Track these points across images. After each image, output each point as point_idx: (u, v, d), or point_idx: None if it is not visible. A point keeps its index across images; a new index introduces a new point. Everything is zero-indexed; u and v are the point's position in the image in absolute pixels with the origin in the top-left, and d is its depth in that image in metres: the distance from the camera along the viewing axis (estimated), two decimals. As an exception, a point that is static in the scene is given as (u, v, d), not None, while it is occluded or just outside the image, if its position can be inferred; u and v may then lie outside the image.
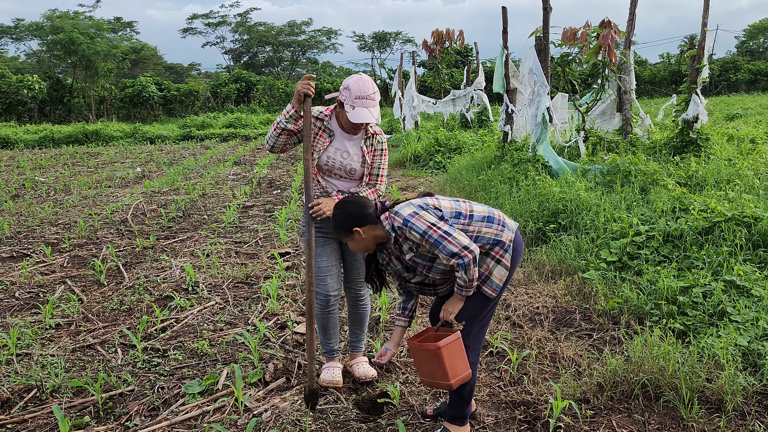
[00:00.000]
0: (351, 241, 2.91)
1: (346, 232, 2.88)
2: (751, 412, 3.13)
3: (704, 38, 8.74)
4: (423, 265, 2.82)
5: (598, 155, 8.99)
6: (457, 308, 2.83)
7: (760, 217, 5.11)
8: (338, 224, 2.93)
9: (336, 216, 2.94)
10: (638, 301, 4.37)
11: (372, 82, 3.23)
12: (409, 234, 2.72)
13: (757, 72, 42.73)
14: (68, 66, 37.30)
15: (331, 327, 3.64)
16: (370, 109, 3.19)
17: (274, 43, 57.89)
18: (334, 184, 3.41)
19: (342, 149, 3.35)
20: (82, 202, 10.26)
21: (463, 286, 2.74)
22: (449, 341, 2.69)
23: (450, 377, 2.69)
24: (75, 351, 4.24)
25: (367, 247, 2.92)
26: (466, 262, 2.64)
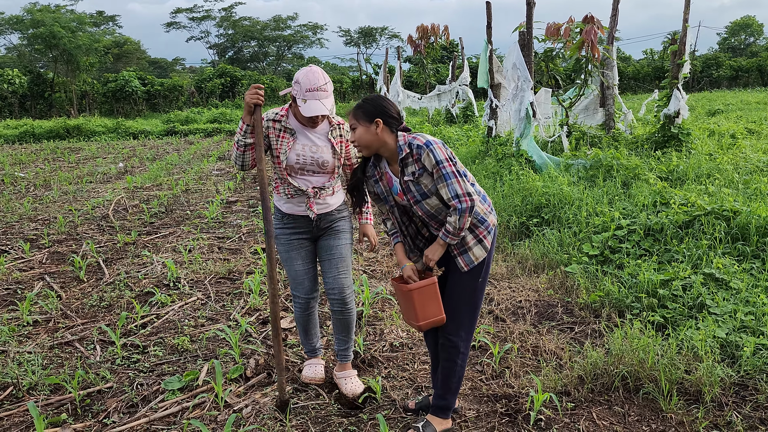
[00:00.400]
0: (362, 130, 2.76)
1: (365, 117, 2.74)
2: (728, 402, 3.16)
3: (685, 34, 8.81)
4: (414, 195, 2.74)
5: (581, 150, 9.04)
6: (437, 255, 2.80)
7: (739, 210, 5.16)
8: (363, 107, 2.77)
9: (366, 100, 2.80)
10: (619, 295, 4.40)
11: (323, 73, 3.11)
12: (426, 156, 2.65)
13: (738, 68, 43.22)
14: (49, 60, 36.82)
15: (311, 327, 3.57)
16: (323, 100, 3.08)
17: (259, 38, 57.57)
18: (308, 180, 3.27)
19: (309, 144, 3.23)
20: (62, 197, 10.13)
21: (450, 233, 2.69)
22: (422, 284, 2.75)
23: (420, 318, 2.77)
24: (53, 348, 4.18)
25: (369, 144, 2.78)
26: (463, 207, 2.63)
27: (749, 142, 10.30)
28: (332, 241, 3.36)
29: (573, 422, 3.08)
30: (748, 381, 3.33)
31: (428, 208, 2.76)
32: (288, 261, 3.37)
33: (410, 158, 2.71)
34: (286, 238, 3.34)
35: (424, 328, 2.81)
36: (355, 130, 2.78)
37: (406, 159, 2.73)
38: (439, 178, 2.66)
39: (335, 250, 3.35)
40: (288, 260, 3.37)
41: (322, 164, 3.23)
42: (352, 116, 2.79)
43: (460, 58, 19.43)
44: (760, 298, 3.94)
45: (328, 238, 3.37)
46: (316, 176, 3.27)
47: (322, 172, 3.26)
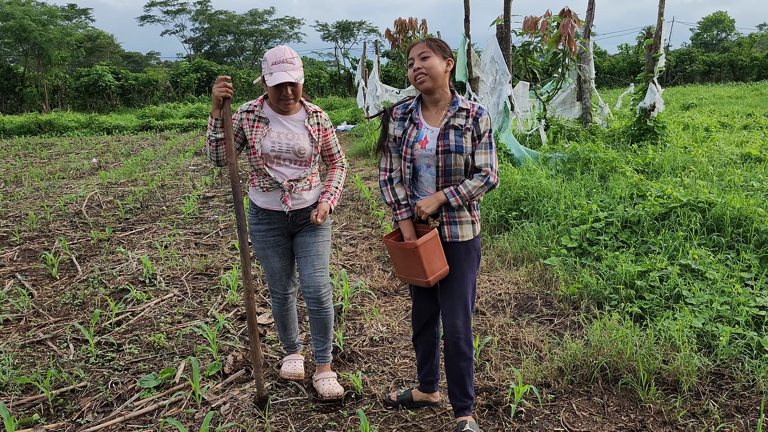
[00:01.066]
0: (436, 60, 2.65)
1: (440, 51, 2.67)
2: (705, 392, 3.19)
3: (661, 28, 8.89)
4: (449, 143, 2.67)
5: (558, 143, 9.09)
6: (431, 208, 2.71)
7: (713, 202, 5.22)
8: (439, 42, 2.69)
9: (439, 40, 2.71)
10: (597, 286, 4.42)
11: (291, 50, 3.04)
12: (485, 119, 2.69)
13: (711, 63, 43.94)
14: (20, 54, 36.04)
15: (290, 322, 3.52)
16: (289, 71, 2.97)
17: (235, 32, 57.04)
18: (283, 172, 3.14)
19: (284, 131, 3.13)
20: (33, 194, 9.92)
21: (460, 194, 2.68)
22: (426, 239, 2.65)
23: (428, 274, 2.68)
24: (24, 347, 4.08)
25: (436, 77, 2.66)
26: (491, 180, 2.68)
27: (722, 135, 10.47)
28: (308, 237, 3.26)
29: (553, 413, 3.09)
30: (724, 370, 3.36)
31: (451, 162, 2.69)
32: (264, 258, 3.30)
33: (465, 113, 2.70)
34: (262, 235, 3.25)
35: (432, 282, 2.72)
36: (428, 59, 2.65)
37: (460, 112, 2.71)
38: (485, 144, 2.69)
39: (311, 247, 3.25)
40: (264, 258, 3.30)
41: (298, 152, 3.13)
42: (425, 45, 2.67)
43: (437, 52, 19.41)
44: (735, 288, 3.99)
45: (305, 235, 3.27)
46: (293, 167, 3.16)
47: (298, 162, 3.15)
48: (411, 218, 2.84)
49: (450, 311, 2.80)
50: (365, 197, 8.44)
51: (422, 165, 2.77)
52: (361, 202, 8.45)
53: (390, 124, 2.86)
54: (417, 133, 2.76)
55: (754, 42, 49.44)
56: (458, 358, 2.82)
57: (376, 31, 60.61)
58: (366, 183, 9.65)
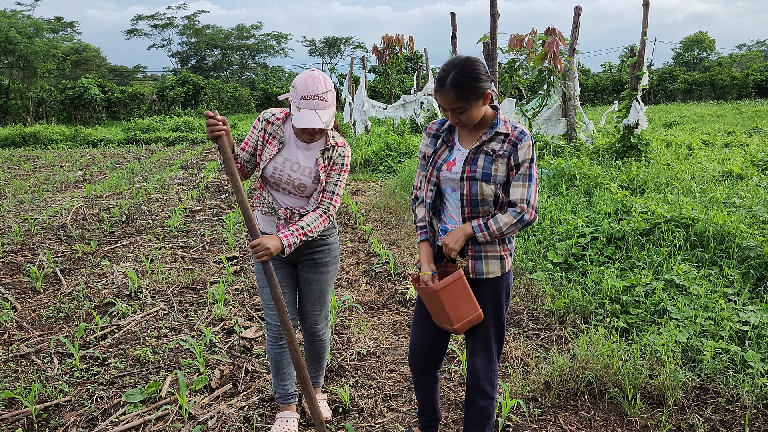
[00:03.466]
0: (473, 110, 2.36)
1: (478, 95, 2.32)
2: (690, 406, 3.22)
3: (644, 47, 9.05)
4: (476, 170, 2.40)
5: (544, 159, 9.18)
6: (458, 243, 2.44)
7: (696, 218, 5.30)
8: (474, 87, 2.30)
9: (467, 73, 2.30)
10: (583, 301, 4.46)
11: (325, 79, 2.69)
12: (526, 146, 2.37)
13: (692, 82, 44.70)
14: (4, 66, 35.74)
15: (284, 365, 3.11)
16: (319, 111, 2.64)
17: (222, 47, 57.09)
18: (282, 200, 2.88)
19: (292, 160, 2.82)
20: (17, 206, 9.81)
21: (488, 229, 2.40)
22: (447, 282, 2.40)
23: (453, 321, 2.44)
24: (7, 361, 4.02)
25: (477, 120, 2.40)
26: (527, 218, 2.39)
27: (704, 152, 10.64)
28: (313, 275, 3.01)
29: (540, 428, 3.10)
30: (708, 384, 3.40)
31: (477, 192, 2.42)
32: (262, 282, 3.00)
33: (503, 137, 2.41)
34: None
35: (460, 330, 2.48)
36: (465, 112, 2.36)
37: (497, 135, 2.42)
38: (523, 176, 2.38)
39: (314, 285, 3.03)
40: (262, 281, 3.00)
41: (297, 187, 2.84)
42: (461, 100, 2.32)
43: (424, 68, 19.59)
44: (718, 303, 4.04)
45: (309, 271, 3.01)
46: (292, 197, 2.89)
47: (299, 195, 2.88)
48: (428, 241, 2.61)
49: (471, 350, 2.61)
50: (352, 212, 8.46)
51: (447, 188, 2.53)
52: (348, 216, 8.46)
53: (422, 140, 2.65)
54: (448, 154, 2.52)
55: (734, 62, 50.43)
56: (477, 396, 2.61)
57: (363, 47, 61.06)
58: (353, 198, 9.67)
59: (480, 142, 2.43)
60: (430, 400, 2.84)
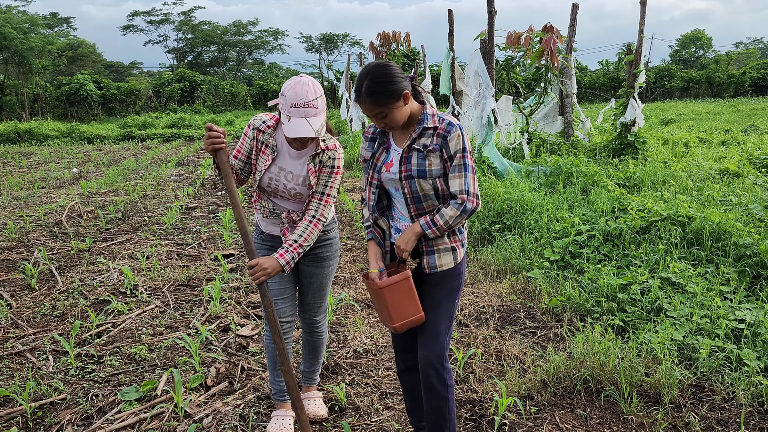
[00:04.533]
0: (395, 112, 2.38)
1: (394, 98, 2.34)
2: (686, 404, 3.23)
3: (641, 44, 9.05)
4: (410, 168, 2.44)
5: (541, 157, 9.18)
6: (410, 244, 2.47)
7: (693, 216, 5.30)
8: (387, 90, 2.33)
9: (379, 78, 2.33)
10: (580, 299, 4.46)
11: (314, 84, 2.65)
12: (455, 137, 2.38)
13: (689, 80, 44.73)
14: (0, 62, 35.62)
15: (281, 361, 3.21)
16: (309, 119, 2.60)
17: (219, 43, 56.97)
18: (282, 205, 2.91)
19: (287, 169, 2.82)
20: (12, 203, 9.78)
21: (436, 225, 2.42)
22: (393, 281, 2.44)
23: (394, 319, 2.47)
24: (2, 359, 4.01)
25: (402, 120, 2.42)
26: (469, 207, 2.41)
27: (701, 150, 10.65)
28: (314, 269, 3.04)
29: (537, 426, 3.10)
30: (704, 382, 3.41)
31: (417, 189, 2.46)
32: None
33: (432, 131, 2.43)
34: (263, 254, 3.00)
35: (400, 329, 2.50)
36: (387, 116, 2.39)
37: (426, 130, 2.45)
38: (458, 167, 2.40)
39: (315, 278, 3.06)
40: None
41: (294, 196, 2.87)
42: (378, 105, 2.36)
43: (421, 65, 19.56)
44: (714, 301, 4.05)
45: (311, 265, 3.03)
46: (291, 202, 2.91)
47: (296, 201, 2.90)
48: (375, 240, 2.64)
49: (421, 343, 2.55)
50: (348, 209, 8.44)
51: (391, 188, 2.58)
52: (345, 213, 8.45)
53: (361, 144, 2.68)
54: (385, 155, 2.57)
55: (731, 60, 50.51)
56: (429, 396, 2.57)
57: (360, 44, 60.98)
58: (350, 195, 9.65)
59: (411, 140, 2.47)
60: (416, 393, 2.80)
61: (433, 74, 18.61)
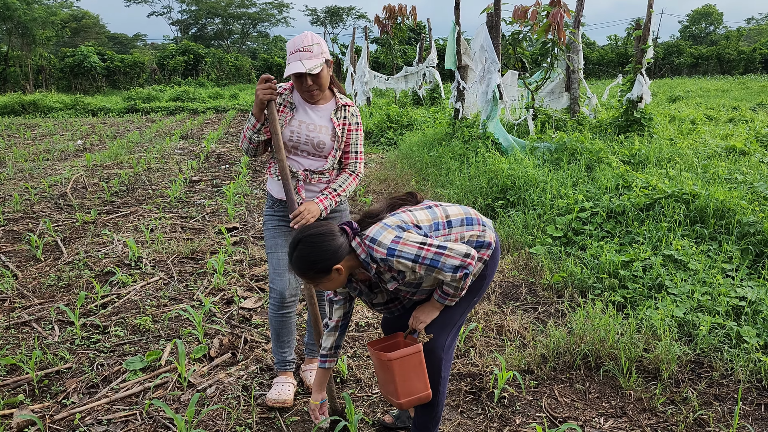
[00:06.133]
0: (329, 283, 2.33)
1: (324, 273, 2.28)
2: (685, 379, 3.25)
3: (650, 19, 8.92)
4: (409, 291, 2.42)
5: (546, 133, 9.12)
6: (431, 317, 2.43)
7: (697, 194, 5.28)
8: (314, 267, 2.27)
9: (305, 257, 2.27)
10: (581, 275, 4.47)
11: (313, 36, 2.84)
12: (397, 264, 2.23)
13: (698, 56, 44.20)
14: (3, 33, 35.39)
15: (285, 333, 3.14)
16: (304, 60, 2.76)
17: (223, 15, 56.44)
18: (300, 162, 2.97)
19: (307, 121, 2.95)
20: (17, 175, 9.80)
21: (450, 295, 2.38)
22: (404, 354, 2.33)
23: (400, 395, 2.35)
24: (9, 328, 4.06)
25: (342, 283, 2.36)
26: (471, 270, 2.27)
27: (708, 128, 10.56)
28: None
29: (536, 399, 3.14)
30: (703, 359, 3.43)
31: (428, 288, 2.45)
32: (273, 248, 3.04)
33: (384, 271, 2.34)
34: (274, 223, 3.06)
35: (405, 406, 2.39)
36: (319, 285, 2.35)
37: (380, 274, 2.36)
38: (427, 270, 2.24)
39: None
40: (273, 247, 3.04)
41: (317, 145, 2.95)
42: (307, 279, 2.33)
43: (427, 39, 19.36)
44: (716, 278, 4.05)
45: None
46: (310, 158, 2.98)
47: (317, 155, 2.98)
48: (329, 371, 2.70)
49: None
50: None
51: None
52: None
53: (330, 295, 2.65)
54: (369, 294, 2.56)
55: (742, 36, 49.78)
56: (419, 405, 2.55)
57: (366, 17, 60.34)
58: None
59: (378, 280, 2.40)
60: None
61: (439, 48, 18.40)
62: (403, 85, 19.28)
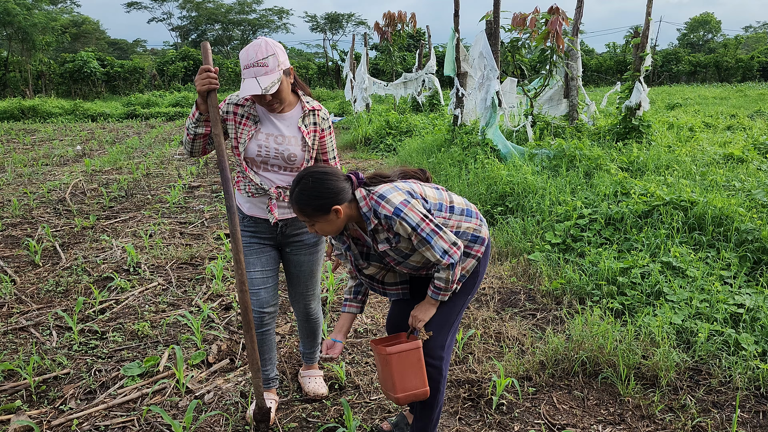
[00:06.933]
0: (323, 224, 2.33)
1: (321, 212, 2.29)
2: (683, 387, 3.25)
3: (648, 27, 8.96)
4: (394, 258, 2.43)
5: (545, 140, 9.14)
6: (428, 315, 2.46)
7: (696, 201, 5.30)
8: (311, 203, 2.28)
9: (307, 191, 2.28)
10: (580, 282, 4.47)
11: (267, 44, 2.58)
12: (399, 225, 2.26)
13: (697, 64, 44.37)
14: (3, 38, 35.49)
15: (265, 351, 3.02)
16: (259, 77, 2.54)
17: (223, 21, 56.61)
18: (271, 179, 2.78)
19: (275, 133, 2.73)
20: (16, 180, 9.81)
21: (442, 289, 2.40)
22: (403, 349, 2.38)
23: (398, 389, 2.39)
24: (6, 334, 4.05)
25: (338, 229, 2.38)
26: (456, 260, 2.32)
27: (706, 135, 10.59)
28: (302, 256, 2.96)
29: (534, 406, 3.13)
30: (701, 366, 3.43)
31: (414, 264, 2.45)
32: (248, 266, 2.89)
33: (380, 228, 2.34)
34: (245, 240, 2.89)
35: (402, 401, 2.41)
36: (315, 225, 2.35)
37: (376, 230, 2.36)
38: (420, 243, 2.30)
39: (305, 266, 2.98)
40: (248, 264, 2.88)
41: (288, 158, 2.75)
42: (304, 215, 2.33)
43: (426, 46, 19.43)
44: (714, 286, 4.06)
45: (298, 253, 2.95)
46: (282, 173, 2.79)
47: (289, 168, 2.78)
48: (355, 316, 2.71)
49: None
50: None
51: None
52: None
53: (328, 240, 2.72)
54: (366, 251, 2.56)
55: (740, 44, 50.02)
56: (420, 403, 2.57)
57: (365, 24, 60.50)
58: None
59: (373, 240, 2.41)
60: None
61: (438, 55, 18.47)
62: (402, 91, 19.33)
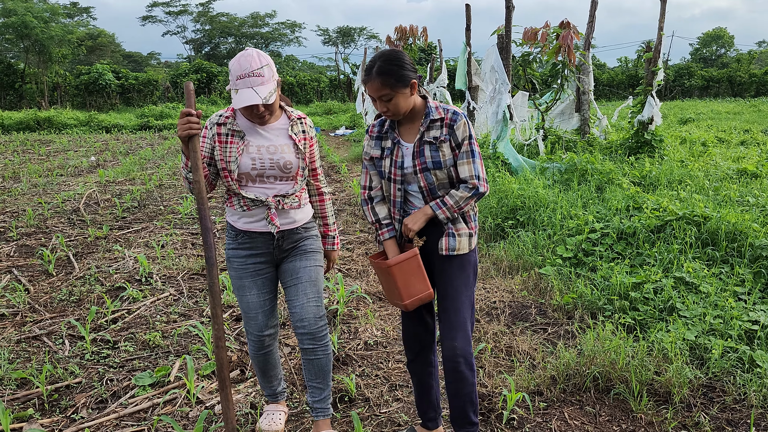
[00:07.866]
0: (400, 98, 2.43)
1: (403, 83, 2.41)
2: (696, 404, 3.22)
3: (660, 42, 8.97)
4: (425, 161, 2.49)
5: (556, 154, 9.14)
6: (418, 224, 2.52)
7: (709, 216, 5.26)
8: (397, 73, 2.39)
9: (392, 60, 2.40)
10: (592, 297, 4.45)
11: (260, 55, 2.55)
12: (462, 125, 2.47)
13: (709, 78, 44.19)
14: (20, 50, 36.06)
15: (270, 369, 3.00)
16: (256, 87, 2.49)
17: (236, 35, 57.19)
18: (267, 190, 2.70)
19: (266, 144, 2.67)
20: (31, 190, 9.92)
21: (447, 206, 2.49)
22: (402, 258, 2.49)
23: (404, 297, 2.51)
24: (20, 342, 4.09)
25: (407, 110, 2.48)
26: (481, 191, 2.49)
27: (719, 150, 10.54)
28: (299, 262, 2.80)
29: (545, 422, 3.11)
30: (715, 383, 3.39)
31: (433, 180, 2.51)
32: (240, 290, 2.79)
33: (439, 122, 2.50)
34: (240, 261, 2.76)
35: (410, 306, 2.53)
36: (391, 100, 2.43)
37: (433, 123, 2.51)
38: (466, 153, 2.48)
39: (303, 272, 2.79)
40: (240, 289, 2.79)
41: (284, 167, 2.68)
42: (386, 86, 2.40)
43: (438, 59, 19.50)
44: (728, 301, 4.02)
45: (294, 260, 2.81)
46: (278, 183, 2.72)
47: (285, 177, 2.72)
48: (395, 237, 2.65)
49: (446, 332, 2.55)
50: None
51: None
52: (358, 207, 8.47)
53: (366, 142, 2.70)
54: (399, 151, 2.58)
55: (753, 59, 49.79)
56: (459, 385, 2.56)
57: (377, 37, 60.91)
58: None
59: (420, 134, 2.52)
60: (425, 385, 2.81)
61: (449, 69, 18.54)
62: (413, 104, 19.37)
